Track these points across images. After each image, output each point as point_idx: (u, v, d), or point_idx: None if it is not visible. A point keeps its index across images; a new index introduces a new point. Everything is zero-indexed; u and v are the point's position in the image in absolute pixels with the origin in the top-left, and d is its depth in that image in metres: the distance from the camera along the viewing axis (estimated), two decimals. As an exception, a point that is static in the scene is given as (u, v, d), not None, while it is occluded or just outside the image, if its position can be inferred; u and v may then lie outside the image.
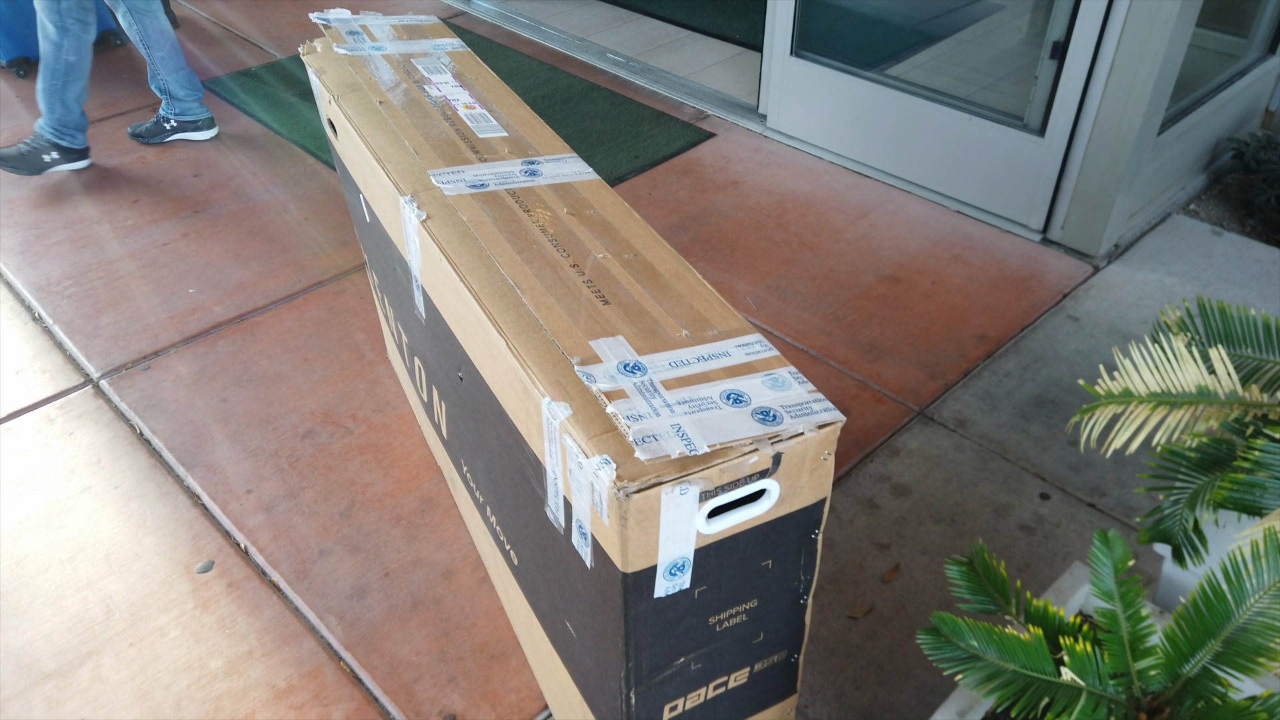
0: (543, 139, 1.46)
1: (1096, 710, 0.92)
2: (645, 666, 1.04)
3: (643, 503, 0.89)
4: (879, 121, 2.81)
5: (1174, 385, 1.09)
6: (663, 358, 1.02)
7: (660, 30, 3.91)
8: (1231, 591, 0.90)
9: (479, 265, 1.17)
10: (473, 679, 1.57)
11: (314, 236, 2.69)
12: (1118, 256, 2.53)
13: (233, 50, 3.82)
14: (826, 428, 0.95)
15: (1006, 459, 1.95)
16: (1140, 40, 2.21)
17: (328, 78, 1.64)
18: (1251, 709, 0.86)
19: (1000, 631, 0.93)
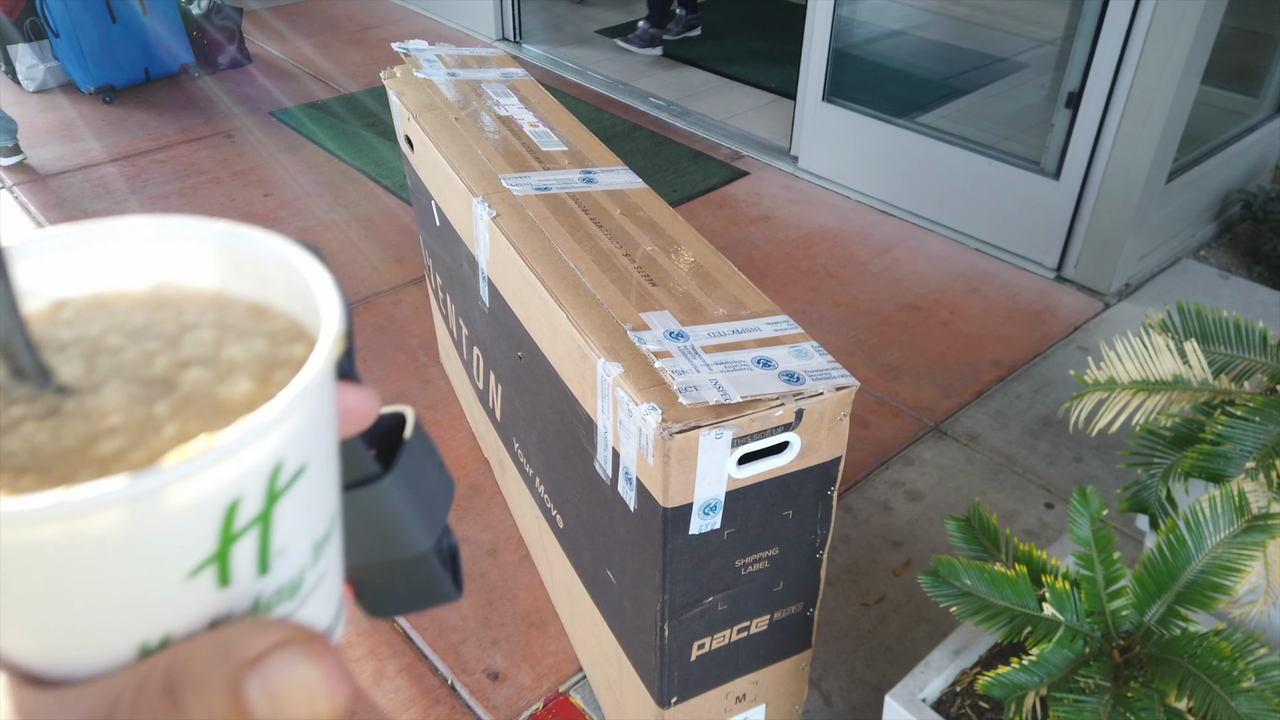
0: (598, 153, 1.65)
1: (1074, 642, 1.06)
2: (678, 601, 1.19)
3: (684, 442, 1.04)
4: (904, 164, 2.99)
5: (1152, 374, 1.23)
6: (703, 329, 1.18)
7: (700, 78, 4.14)
8: (1192, 539, 1.03)
9: (543, 253, 1.34)
10: (514, 643, 1.71)
11: (372, 253, 2.90)
12: (1128, 295, 2.67)
13: (302, 84, 4.09)
14: (843, 390, 1.11)
15: (1014, 471, 2.09)
16: (1149, 92, 2.37)
17: (407, 99, 1.84)
18: (1208, 637, 0.99)
19: (990, 569, 1.07)
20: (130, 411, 0.25)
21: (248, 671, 0.24)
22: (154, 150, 3.51)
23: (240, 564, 0.25)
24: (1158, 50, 2.32)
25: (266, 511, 0.24)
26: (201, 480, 0.23)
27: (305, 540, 0.27)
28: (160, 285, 0.29)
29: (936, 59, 3.65)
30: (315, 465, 0.26)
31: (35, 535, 0.22)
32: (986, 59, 3.51)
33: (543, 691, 1.63)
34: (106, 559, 0.22)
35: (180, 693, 0.23)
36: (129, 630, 0.24)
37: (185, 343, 0.28)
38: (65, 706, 0.24)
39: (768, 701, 1.40)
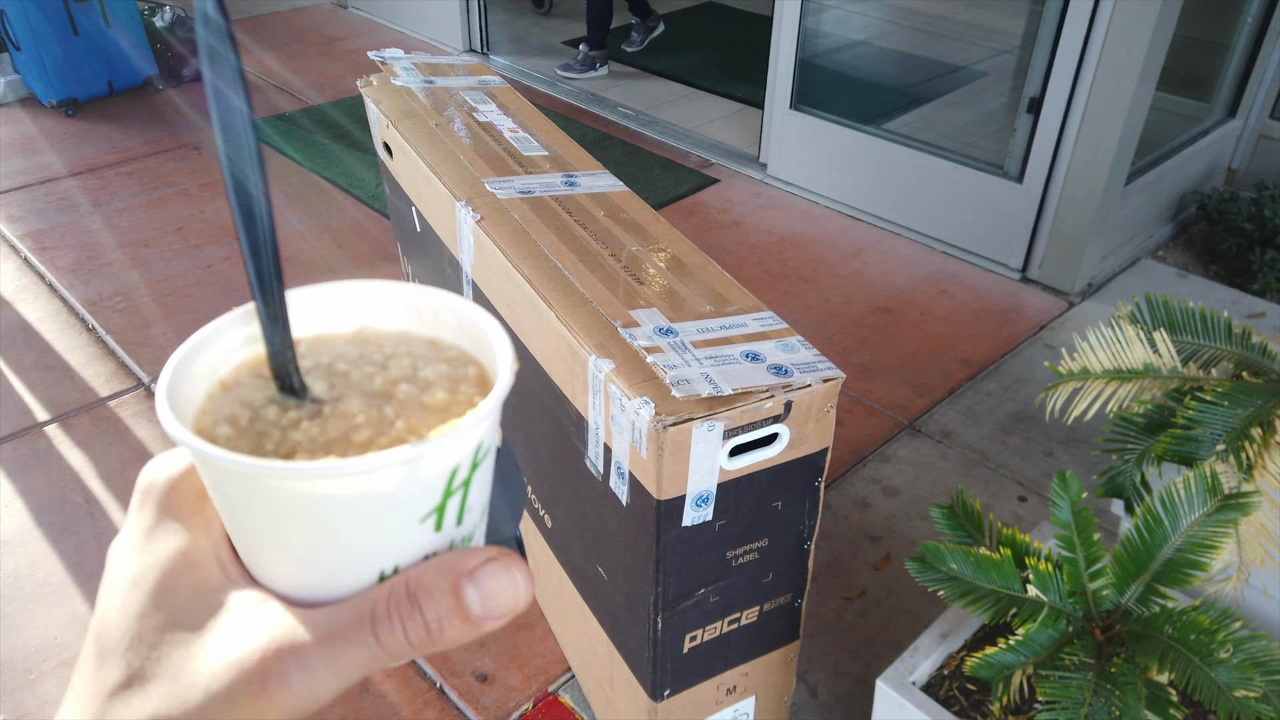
0: (579, 157, 1.67)
1: (1057, 622, 1.09)
2: (672, 593, 1.21)
3: (677, 435, 1.06)
4: (871, 169, 3.04)
5: (1124, 363, 1.28)
6: (691, 325, 1.21)
7: (667, 88, 4.18)
8: (1168, 518, 1.07)
9: (529, 254, 1.36)
10: (502, 645, 1.71)
11: (345, 263, 2.89)
12: (1091, 294, 2.74)
13: (269, 96, 4.07)
14: (830, 382, 1.13)
15: (988, 466, 2.13)
16: (1107, 97, 2.45)
17: (384, 106, 1.85)
18: (1187, 612, 1.03)
19: (976, 553, 1.10)
20: (368, 413, 0.35)
21: (465, 580, 0.33)
22: (119, 163, 3.47)
23: (449, 515, 0.34)
24: (1115, 56, 2.40)
25: (469, 478, 0.34)
26: (448, 449, 0.32)
27: (481, 504, 0.37)
28: (361, 328, 0.40)
29: (900, 67, 3.72)
30: (492, 450, 0.36)
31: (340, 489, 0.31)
32: (947, 67, 3.59)
33: (532, 692, 1.64)
34: (378, 506, 0.32)
35: (419, 598, 0.33)
36: (377, 561, 0.34)
37: (391, 367, 0.38)
38: (332, 616, 0.33)
39: (757, 693, 1.42)
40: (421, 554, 0.34)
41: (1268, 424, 1.14)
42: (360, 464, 0.31)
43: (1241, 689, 0.97)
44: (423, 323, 0.40)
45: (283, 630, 0.32)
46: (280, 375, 0.35)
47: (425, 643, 0.33)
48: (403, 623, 0.32)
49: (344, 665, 0.32)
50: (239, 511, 0.34)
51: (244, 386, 0.36)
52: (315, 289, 0.39)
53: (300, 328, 0.38)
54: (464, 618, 0.33)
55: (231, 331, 0.37)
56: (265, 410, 0.35)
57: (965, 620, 1.22)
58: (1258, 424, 1.14)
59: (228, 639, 0.32)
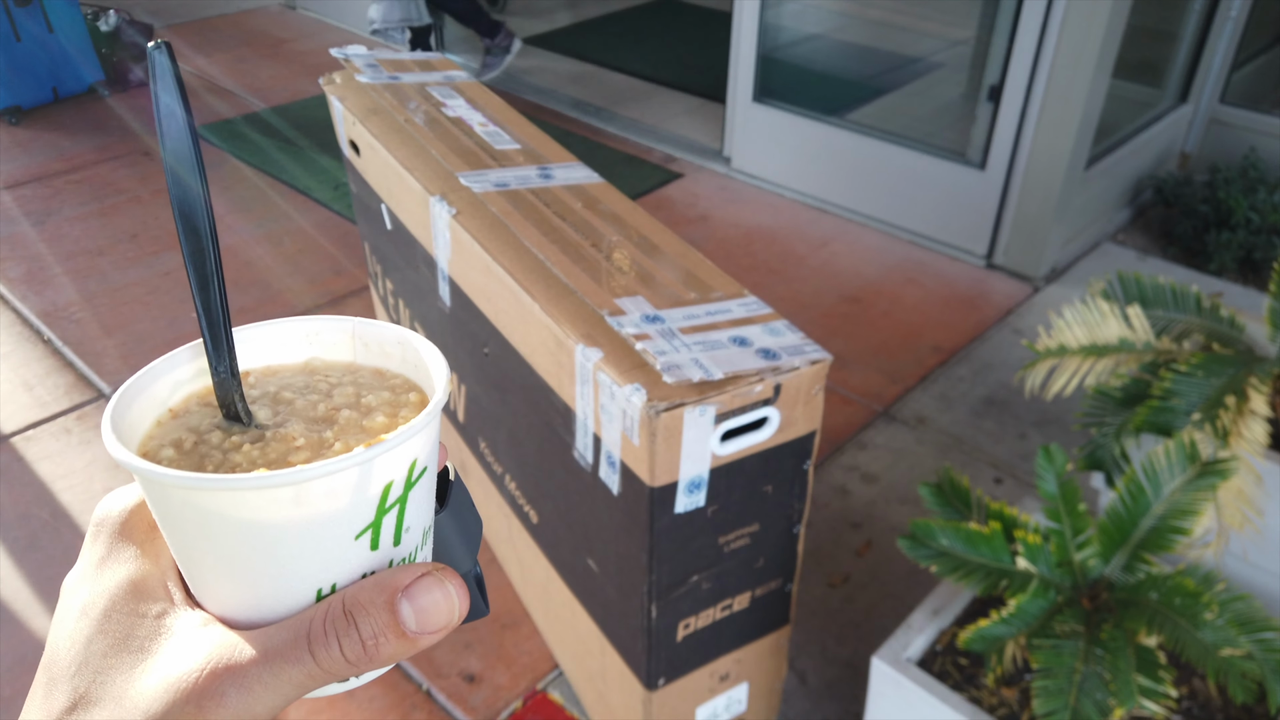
0: (552, 150, 1.66)
1: (1046, 593, 1.11)
2: (665, 581, 1.20)
3: (670, 420, 1.06)
4: (835, 160, 3.07)
5: (1100, 339, 1.30)
6: (677, 312, 1.20)
7: (627, 83, 4.18)
8: (1151, 487, 1.09)
9: (509, 247, 1.35)
10: (488, 645, 1.70)
11: (309, 265, 2.85)
12: (1055, 279, 2.79)
13: (220, 99, 3.99)
14: (818, 364, 1.14)
15: (962, 450, 2.16)
16: (1066, 84, 2.49)
17: (350, 103, 1.83)
18: (1172, 577, 1.05)
19: (966, 527, 1.12)
20: (308, 436, 0.37)
21: (400, 596, 0.34)
22: (68, 171, 3.39)
23: (385, 533, 0.35)
24: (1072, 44, 2.44)
25: (404, 496, 0.35)
26: (378, 463, 0.34)
27: (420, 525, 0.38)
28: (310, 360, 0.42)
29: (860, 59, 3.76)
30: (430, 470, 0.37)
31: (271, 503, 0.32)
32: (906, 58, 3.63)
33: (520, 690, 1.63)
34: (311, 522, 0.33)
35: (355, 615, 0.34)
36: (314, 580, 0.35)
37: (335, 395, 0.40)
38: (269, 635, 0.33)
39: (750, 679, 1.42)
40: (359, 573, 0.35)
41: (1241, 392, 1.16)
42: (289, 475, 0.32)
43: (1228, 648, 0.99)
44: (369, 354, 0.42)
45: (221, 651, 0.33)
46: (225, 403, 0.37)
47: (362, 659, 0.33)
48: (339, 640, 0.33)
49: (281, 683, 0.32)
50: (180, 533, 0.35)
51: (192, 414, 0.38)
52: (267, 324, 0.41)
53: (251, 359, 0.41)
54: (399, 633, 0.34)
55: (184, 364, 0.39)
56: (210, 435, 0.37)
57: (955, 596, 1.23)
58: (1232, 392, 1.16)
59: (169, 661, 0.33)
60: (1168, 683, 0.99)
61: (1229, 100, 3.19)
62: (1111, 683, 1.00)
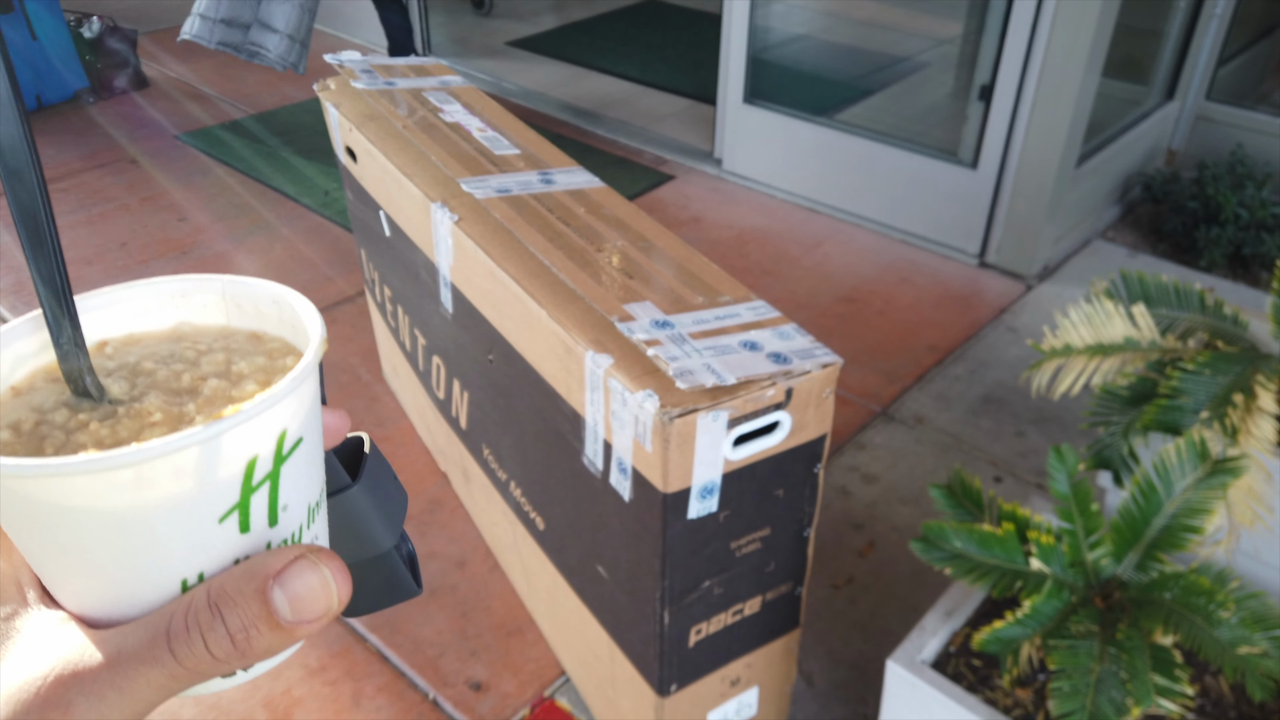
0: (552, 155, 1.66)
1: (1061, 593, 1.11)
2: (678, 587, 1.20)
3: (683, 426, 1.06)
4: (827, 161, 3.07)
5: (1105, 338, 1.30)
6: (686, 317, 1.20)
7: (615, 85, 4.18)
8: (1162, 485, 1.10)
9: (513, 253, 1.34)
10: (493, 652, 1.69)
11: (300, 273, 2.83)
12: (1047, 276, 2.80)
13: (206, 106, 3.96)
14: (829, 367, 1.14)
15: (961, 449, 2.16)
16: (1056, 82, 2.50)
17: (345, 109, 1.81)
18: (1186, 575, 1.06)
19: (979, 529, 1.12)
20: (167, 411, 0.33)
21: (272, 583, 0.31)
22: (54, 179, 3.36)
23: (256, 513, 0.32)
24: (1063, 43, 2.46)
25: (275, 471, 0.32)
26: (231, 436, 0.30)
27: (303, 503, 0.34)
28: (179, 324, 0.38)
29: (850, 59, 3.76)
30: (308, 441, 0.34)
31: (112, 488, 0.29)
32: (896, 59, 3.64)
33: (528, 698, 1.62)
34: (163, 506, 0.30)
35: (221, 606, 0.30)
36: (174, 570, 0.31)
37: (203, 363, 0.36)
38: (125, 635, 0.30)
39: (760, 683, 1.42)
40: (230, 559, 0.32)
41: (1249, 390, 1.17)
42: (122, 455, 0.28)
43: (1244, 646, 0.99)
44: (243, 316, 0.38)
45: (68, 655, 0.30)
46: (71, 377, 0.33)
47: (232, 655, 0.30)
48: (202, 635, 0.30)
49: (137, 688, 0.30)
50: (15, 527, 0.31)
51: (37, 392, 0.34)
52: (127, 286, 0.37)
53: (111, 327, 0.37)
54: (273, 624, 0.31)
55: (27, 336, 0.35)
56: (54, 414, 0.33)
57: (968, 598, 1.23)
58: (1239, 390, 1.17)
59: (12, 668, 0.30)
60: (1184, 681, 1.00)
61: (1215, 97, 3.22)
62: (1129, 682, 1.00)
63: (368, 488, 0.40)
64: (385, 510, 0.41)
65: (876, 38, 3.83)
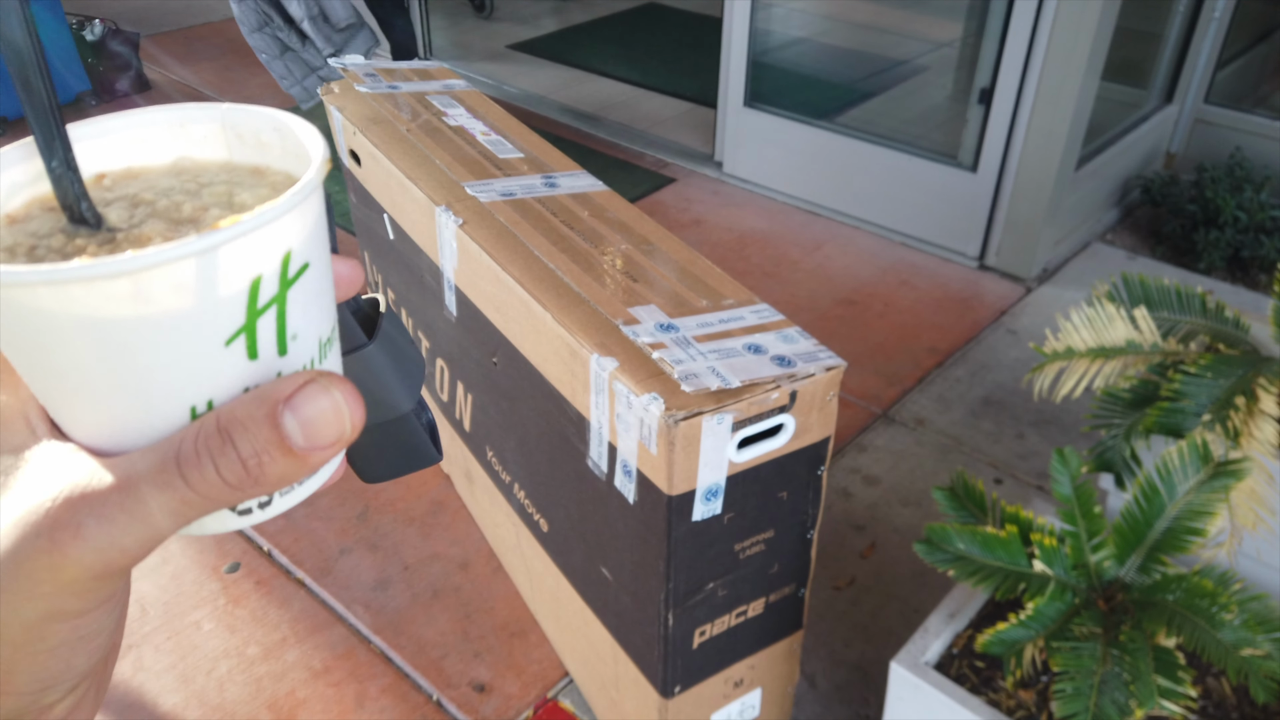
0: (555, 158, 1.66)
1: (1063, 595, 1.12)
2: (682, 589, 1.21)
3: (688, 429, 1.06)
4: (827, 164, 3.08)
5: (1107, 341, 1.31)
6: (691, 320, 1.21)
7: (616, 89, 4.19)
8: (1165, 487, 1.11)
9: (518, 256, 1.35)
10: (497, 654, 1.70)
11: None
12: (1046, 279, 2.81)
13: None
14: (832, 370, 1.15)
15: (962, 451, 2.17)
16: (1056, 85, 2.51)
17: (349, 113, 1.82)
18: (1189, 577, 1.06)
19: (983, 531, 1.12)
20: (166, 237, 0.32)
21: (283, 408, 0.30)
22: (57, 182, 3.36)
23: (264, 339, 0.31)
24: (1062, 46, 2.46)
25: (281, 294, 0.31)
26: (232, 248, 0.29)
27: (313, 334, 0.33)
28: (179, 159, 0.37)
29: (850, 63, 3.77)
30: (316, 266, 0.33)
31: (110, 299, 0.28)
32: (896, 62, 3.65)
33: (531, 699, 1.62)
34: (165, 324, 0.29)
35: (231, 432, 0.30)
36: (182, 396, 0.30)
37: (204, 194, 0.35)
38: (135, 460, 0.30)
39: (763, 685, 1.42)
40: (240, 386, 0.31)
41: (1250, 393, 1.18)
42: (117, 263, 0.27)
43: (1247, 648, 1.00)
44: (245, 148, 0.37)
45: (77, 478, 0.29)
46: (66, 203, 0.32)
47: (244, 481, 0.30)
48: (213, 460, 0.29)
49: (149, 511, 0.29)
50: (17, 350, 0.30)
51: (34, 220, 0.33)
52: (124, 115, 0.36)
53: (108, 159, 0.36)
54: (285, 449, 0.30)
55: (19, 164, 0.34)
56: (50, 239, 0.32)
57: (970, 600, 1.24)
58: (1241, 393, 1.18)
59: (20, 495, 0.29)
60: (1187, 683, 1.00)
61: (1213, 100, 3.23)
62: (1132, 684, 1.01)
63: (384, 348, 0.39)
64: (403, 371, 0.40)
65: (876, 41, 3.84)
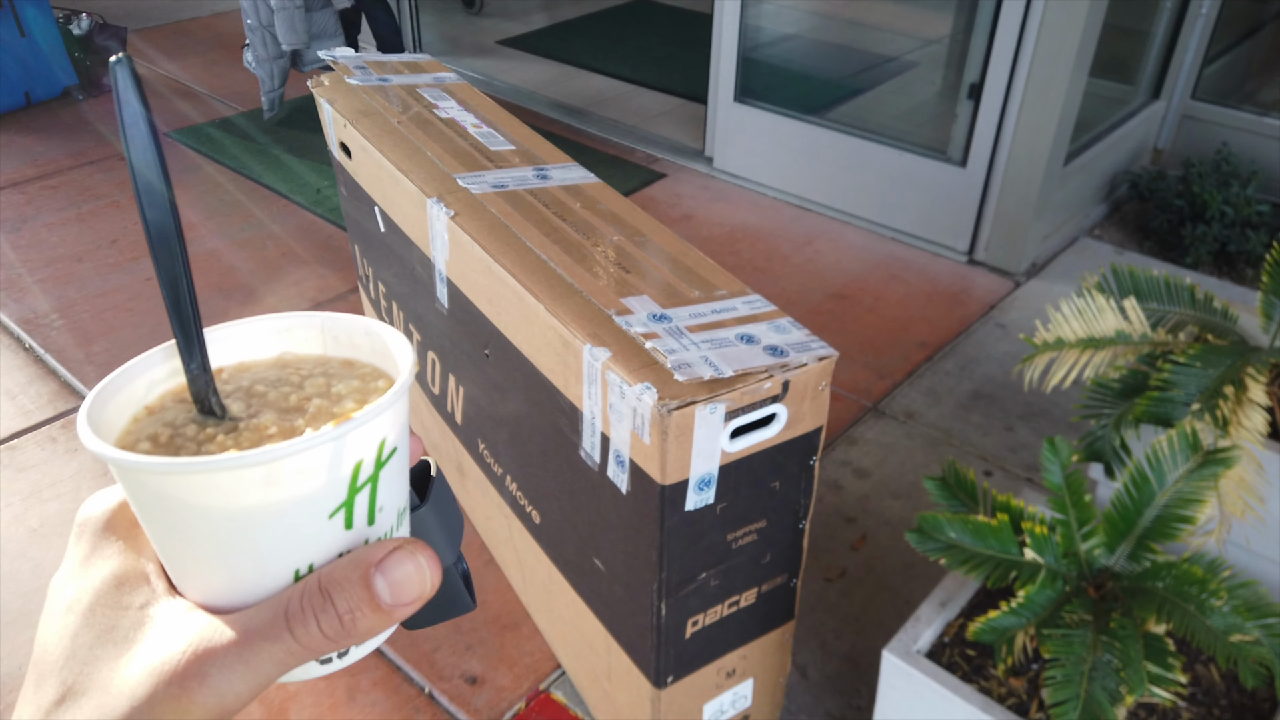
0: (547, 151, 1.66)
1: (1054, 583, 1.12)
2: (675, 579, 1.21)
3: (681, 419, 1.06)
4: (817, 159, 3.09)
5: (1097, 331, 1.32)
6: (683, 310, 1.21)
7: (606, 84, 4.18)
8: (1155, 475, 1.11)
9: (510, 248, 1.35)
10: (488, 646, 1.69)
11: (294, 269, 2.83)
12: (1035, 274, 2.82)
13: (195, 103, 3.95)
14: (824, 360, 1.15)
15: (951, 444, 2.18)
16: (1045, 81, 2.52)
17: (340, 105, 1.81)
18: (1179, 565, 1.07)
19: (974, 520, 1.13)
20: (281, 425, 0.38)
21: (374, 571, 0.35)
22: (43, 176, 3.34)
23: (359, 512, 0.36)
24: (1051, 43, 2.47)
25: (375, 475, 0.36)
26: (345, 441, 0.34)
27: (394, 506, 0.39)
28: (282, 354, 0.43)
29: (840, 59, 3.78)
30: (400, 452, 0.38)
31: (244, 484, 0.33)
32: (886, 58, 3.66)
33: (523, 691, 1.62)
34: (284, 502, 0.34)
35: (331, 591, 0.35)
36: (291, 560, 0.35)
37: (306, 385, 0.41)
38: (249, 616, 0.34)
39: (755, 675, 1.43)
40: (335, 552, 0.36)
41: (1239, 382, 1.19)
42: (259, 455, 0.33)
43: (1237, 634, 1.01)
44: (338, 346, 0.43)
45: (201, 634, 0.34)
46: (199, 397, 0.38)
47: (340, 634, 0.34)
48: (316, 616, 0.34)
49: (262, 662, 0.33)
50: (157, 522, 0.35)
51: (168, 410, 0.39)
52: (238, 323, 0.42)
53: (224, 357, 0.42)
54: (375, 606, 0.35)
55: (160, 365, 0.40)
56: (185, 429, 0.38)
57: (961, 589, 1.24)
58: (1229, 382, 1.19)
59: (152, 648, 0.34)
60: (1177, 669, 1.01)
61: (1200, 96, 3.25)
62: (1122, 670, 1.01)
63: (435, 508, 0.44)
64: (448, 529, 0.44)
65: (866, 37, 3.85)
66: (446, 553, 0.44)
